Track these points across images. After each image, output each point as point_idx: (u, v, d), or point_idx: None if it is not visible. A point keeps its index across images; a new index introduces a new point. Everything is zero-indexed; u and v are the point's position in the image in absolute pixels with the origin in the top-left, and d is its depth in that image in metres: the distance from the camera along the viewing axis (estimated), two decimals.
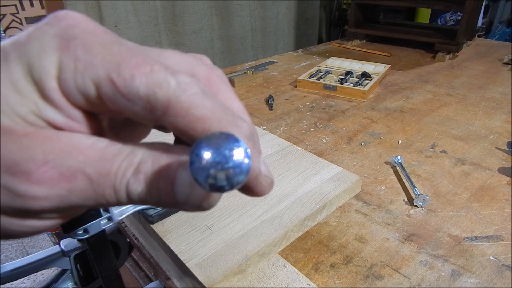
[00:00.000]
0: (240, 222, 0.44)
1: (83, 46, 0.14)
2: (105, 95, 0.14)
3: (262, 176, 0.16)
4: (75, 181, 0.13)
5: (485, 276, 0.40)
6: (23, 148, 0.13)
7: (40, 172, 0.13)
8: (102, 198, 0.14)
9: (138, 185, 0.14)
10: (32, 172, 0.13)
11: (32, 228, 0.15)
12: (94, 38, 0.14)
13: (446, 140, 0.69)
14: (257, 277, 0.40)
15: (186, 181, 0.14)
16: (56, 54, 0.14)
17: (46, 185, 0.13)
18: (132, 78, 0.13)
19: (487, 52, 1.25)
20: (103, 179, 0.14)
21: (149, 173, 0.14)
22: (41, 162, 0.13)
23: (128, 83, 0.13)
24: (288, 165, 0.56)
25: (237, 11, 1.68)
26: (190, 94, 0.14)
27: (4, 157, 0.13)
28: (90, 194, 0.14)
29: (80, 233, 0.36)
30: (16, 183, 0.13)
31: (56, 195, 0.14)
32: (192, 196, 0.14)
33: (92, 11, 1.34)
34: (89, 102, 0.14)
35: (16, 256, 1.58)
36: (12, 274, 0.43)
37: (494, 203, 0.52)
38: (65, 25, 0.14)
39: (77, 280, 0.47)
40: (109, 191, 0.14)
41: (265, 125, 0.75)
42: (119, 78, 0.13)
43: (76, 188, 0.14)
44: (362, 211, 0.50)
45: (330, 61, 1.07)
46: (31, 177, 0.13)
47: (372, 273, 0.41)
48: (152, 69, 0.14)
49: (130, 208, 0.41)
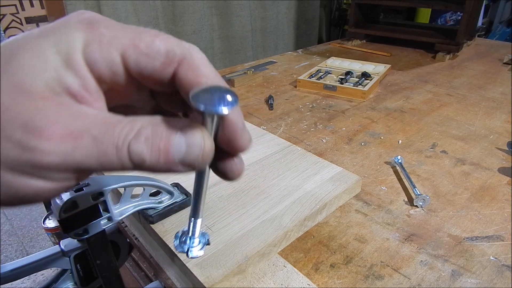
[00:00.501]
0: (240, 222, 0.44)
1: (105, 26, 0.17)
2: (129, 58, 0.17)
3: (245, 129, 0.19)
4: (81, 140, 0.15)
5: (485, 276, 0.40)
6: (38, 108, 0.15)
7: (51, 130, 0.15)
8: (104, 156, 0.15)
9: (139, 145, 0.16)
10: (44, 129, 0.15)
11: (36, 190, 0.16)
12: (112, 22, 0.18)
13: (446, 140, 0.69)
14: (257, 277, 0.40)
15: (182, 142, 0.16)
16: (81, 33, 0.17)
17: (55, 141, 0.15)
18: (153, 41, 0.17)
19: (487, 52, 1.25)
20: (107, 138, 0.15)
21: (150, 136, 0.16)
22: (53, 122, 0.15)
23: (150, 44, 0.17)
24: (288, 165, 0.56)
25: (237, 11, 1.68)
26: (201, 56, 0.18)
27: (21, 114, 0.15)
28: (93, 152, 0.15)
29: (80, 233, 0.36)
30: (29, 138, 0.15)
31: (63, 151, 0.15)
32: (188, 154, 0.16)
33: (92, 11, 1.34)
34: (112, 70, 0.17)
35: (16, 256, 1.58)
36: (12, 274, 0.43)
37: (494, 203, 0.52)
38: (86, 15, 0.18)
39: (77, 280, 0.47)
40: (112, 150, 0.15)
41: (265, 125, 0.75)
42: (142, 42, 0.17)
43: (81, 146, 0.15)
44: (362, 211, 0.50)
45: (330, 61, 1.07)
46: (42, 133, 0.15)
47: (372, 273, 0.41)
48: (168, 36, 0.18)
49: (130, 208, 0.41)
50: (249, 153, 0.59)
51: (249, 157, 0.58)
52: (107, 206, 0.37)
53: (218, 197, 0.49)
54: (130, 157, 0.16)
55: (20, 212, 1.80)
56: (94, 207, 0.36)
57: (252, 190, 0.50)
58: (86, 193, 0.35)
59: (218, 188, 0.51)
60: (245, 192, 0.50)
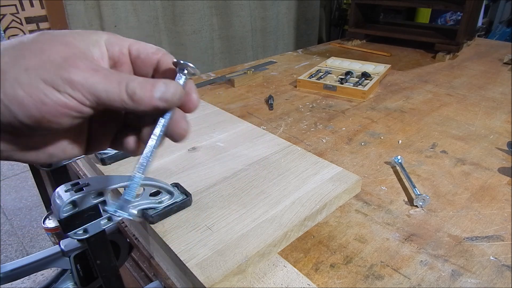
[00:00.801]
0: (240, 222, 0.44)
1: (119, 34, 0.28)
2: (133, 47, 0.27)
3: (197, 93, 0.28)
4: (97, 73, 0.23)
5: (485, 276, 0.40)
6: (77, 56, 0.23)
7: (81, 64, 0.23)
8: (109, 85, 0.23)
9: (134, 84, 0.23)
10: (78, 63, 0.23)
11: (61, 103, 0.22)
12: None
13: (446, 140, 0.69)
14: (257, 277, 0.40)
15: (163, 85, 0.24)
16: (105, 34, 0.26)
17: (82, 70, 0.22)
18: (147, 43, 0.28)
19: (487, 52, 1.25)
20: (114, 77, 0.23)
21: (143, 81, 0.24)
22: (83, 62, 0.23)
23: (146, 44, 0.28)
24: (288, 165, 0.56)
25: (237, 11, 1.68)
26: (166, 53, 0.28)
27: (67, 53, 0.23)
28: (102, 82, 0.23)
29: (80, 233, 0.36)
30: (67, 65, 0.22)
31: (85, 76, 0.22)
32: (165, 93, 0.24)
33: (92, 11, 1.34)
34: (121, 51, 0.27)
35: (16, 256, 1.58)
36: (12, 274, 0.43)
37: (494, 203, 0.52)
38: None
39: (77, 280, 0.47)
40: (115, 83, 0.23)
41: (265, 125, 0.75)
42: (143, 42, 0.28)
43: (96, 76, 0.23)
44: (362, 211, 0.50)
45: (330, 61, 1.07)
46: (76, 65, 0.22)
47: (372, 273, 0.41)
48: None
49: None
50: (249, 153, 0.59)
51: (249, 157, 0.58)
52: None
53: (218, 197, 0.49)
54: (126, 89, 0.23)
55: (20, 212, 1.80)
56: (94, 207, 0.36)
57: (252, 190, 0.50)
58: (86, 193, 0.35)
59: (218, 188, 0.51)
60: (245, 192, 0.50)
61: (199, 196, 0.49)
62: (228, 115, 0.73)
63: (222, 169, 0.55)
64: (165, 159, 0.57)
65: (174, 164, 0.56)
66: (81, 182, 0.36)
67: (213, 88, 0.95)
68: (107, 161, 0.56)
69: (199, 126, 0.68)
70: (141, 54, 0.27)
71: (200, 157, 0.58)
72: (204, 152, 0.60)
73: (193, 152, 0.60)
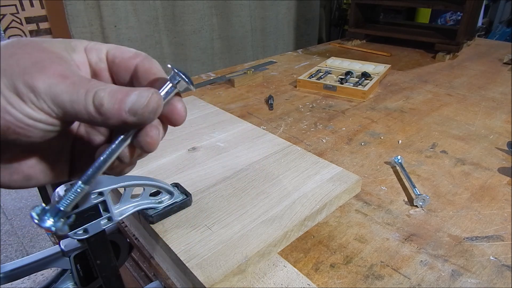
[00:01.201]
0: (240, 222, 0.44)
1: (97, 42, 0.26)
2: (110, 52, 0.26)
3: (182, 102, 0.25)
4: (65, 80, 0.20)
5: (485, 276, 0.40)
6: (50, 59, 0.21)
7: (50, 68, 0.21)
8: (75, 95, 0.20)
9: (103, 93, 0.21)
10: (45, 67, 0.20)
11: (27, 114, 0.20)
12: None
13: (446, 140, 0.69)
14: (257, 277, 0.40)
15: (135, 95, 0.21)
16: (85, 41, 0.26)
17: (49, 75, 0.20)
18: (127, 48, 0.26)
19: (487, 52, 1.25)
20: (82, 85, 0.21)
21: (114, 90, 0.21)
22: (53, 66, 0.21)
23: (126, 48, 0.26)
24: (288, 165, 0.56)
25: (237, 11, 1.68)
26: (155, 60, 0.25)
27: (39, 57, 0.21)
28: (69, 90, 0.20)
29: (80, 233, 0.36)
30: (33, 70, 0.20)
31: (51, 82, 0.20)
32: (135, 104, 0.21)
33: (92, 11, 1.34)
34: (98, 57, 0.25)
35: (16, 256, 1.58)
36: (12, 274, 0.43)
37: (494, 203, 0.52)
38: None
39: (77, 280, 0.47)
40: (82, 92, 0.20)
41: (265, 125, 0.75)
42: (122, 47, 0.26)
43: (63, 83, 0.20)
44: (362, 211, 0.50)
45: (330, 61, 1.07)
46: (43, 69, 0.20)
47: (372, 273, 0.41)
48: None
49: (130, 208, 0.41)
50: (249, 153, 0.59)
51: (249, 157, 0.58)
52: (107, 206, 0.37)
53: (218, 197, 0.49)
54: (93, 99, 0.20)
55: (20, 212, 1.80)
56: (94, 207, 0.36)
57: (252, 190, 0.50)
58: (86, 193, 0.35)
59: (218, 188, 0.51)
60: (245, 192, 0.50)
61: (199, 196, 0.49)
62: (228, 115, 0.73)
63: (222, 169, 0.55)
64: (165, 159, 0.57)
65: (174, 164, 0.56)
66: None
67: (213, 88, 0.95)
68: None
69: (199, 126, 0.68)
70: (116, 58, 0.24)
71: (200, 157, 0.58)
72: (204, 152, 0.60)
73: (193, 152, 0.60)
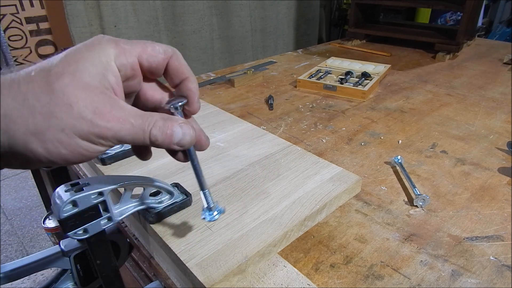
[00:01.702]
0: (240, 222, 0.44)
1: (123, 43, 0.28)
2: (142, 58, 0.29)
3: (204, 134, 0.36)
4: (124, 123, 0.26)
5: (485, 276, 0.40)
6: (100, 101, 0.25)
7: (110, 115, 0.26)
8: (136, 135, 0.27)
9: (156, 131, 0.27)
10: (106, 114, 0.25)
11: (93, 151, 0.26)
12: (125, 40, 0.28)
13: (446, 140, 0.69)
14: (257, 277, 0.40)
15: (180, 131, 0.29)
16: (112, 48, 0.27)
17: (112, 122, 0.25)
18: (154, 46, 0.30)
19: (487, 52, 1.25)
20: (138, 125, 0.27)
21: (162, 126, 0.28)
22: (110, 110, 0.26)
23: (153, 48, 0.30)
24: (288, 165, 0.56)
25: (237, 11, 1.68)
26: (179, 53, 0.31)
27: (92, 102, 0.25)
28: (131, 132, 0.26)
29: (80, 233, 0.36)
30: (97, 119, 0.25)
31: (115, 129, 0.26)
32: (182, 139, 0.29)
33: (92, 11, 1.34)
34: (133, 69, 0.28)
35: (16, 256, 1.58)
36: (12, 274, 0.43)
37: (494, 203, 0.52)
38: (108, 37, 0.28)
39: (77, 280, 0.47)
40: (141, 132, 0.27)
41: (265, 125, 0.75)
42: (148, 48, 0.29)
43: (125, 127, 0.26)
44: (362, 211, 0.50)
45: (330, 61, 1.07)
46: (105, 117, 0.25)
47: (372, 273, 0.41)
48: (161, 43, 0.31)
49: (130, 208, 0.41)
50: (249, 153, 0.59)
51: (249, 157, 0.58)
52: (107, 206, 0.37)
53: (218, 197, 0.49)
54: (150, 137, 0.27)
55: (20, 212, 1.80)
56: (94, 207, 0.36)
57: (252, 190, 0.50)
58: (86, 193, 0.35)
59: (218, 188, 0.51)
60: (245, 192, 0.50)
61: (199, 196, 0.49)
62: (228, 115, 0.73)
63: (222, 169, 0.55)
64: (165, 159, 0.57)
65: (174, 164, 0.56)
66: (81, 182, 0.36)
67: (213, 88, 0.95)
68: (107, 161, 0.56)
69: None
70: (153, 63, 0.29)
71: (200, 157, 0.58)
72: (204, 152, 0.59)
73: None
